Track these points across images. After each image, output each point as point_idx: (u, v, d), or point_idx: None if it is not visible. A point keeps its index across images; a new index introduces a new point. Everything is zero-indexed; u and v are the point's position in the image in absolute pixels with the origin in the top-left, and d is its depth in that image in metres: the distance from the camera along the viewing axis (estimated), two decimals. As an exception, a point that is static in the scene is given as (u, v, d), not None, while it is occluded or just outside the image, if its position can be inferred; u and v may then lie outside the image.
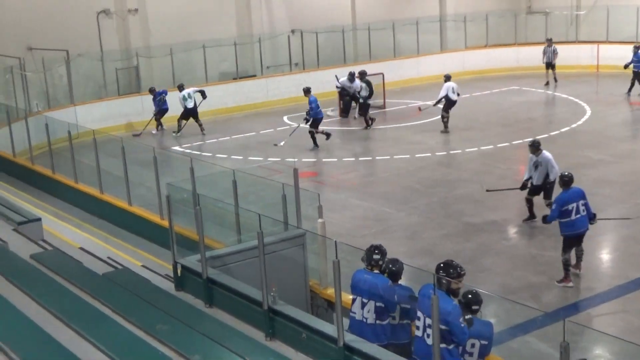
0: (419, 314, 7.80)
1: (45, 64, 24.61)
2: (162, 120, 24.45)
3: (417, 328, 7.81)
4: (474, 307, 7.58)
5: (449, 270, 7.70)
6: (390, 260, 8.47)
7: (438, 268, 7.79)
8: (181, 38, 27.37)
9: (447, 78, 22.45)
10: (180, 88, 24.07)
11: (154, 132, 24.46)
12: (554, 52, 28.99)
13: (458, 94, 22.40)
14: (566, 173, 11.98)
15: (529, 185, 14.30)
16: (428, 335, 7.57)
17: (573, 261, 11.85)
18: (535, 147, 14.03)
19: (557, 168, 13.86)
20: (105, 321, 8.55)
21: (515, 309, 10.05)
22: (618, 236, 13.98)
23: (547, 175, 13.96)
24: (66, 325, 8.40)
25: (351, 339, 7.61)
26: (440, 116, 22.44)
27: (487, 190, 15.26)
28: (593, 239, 13.54)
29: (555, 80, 28.97)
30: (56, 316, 8.66)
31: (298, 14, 31.21)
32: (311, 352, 7.87)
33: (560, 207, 11.62)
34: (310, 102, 21.40)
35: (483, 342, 7.50)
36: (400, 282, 8.36)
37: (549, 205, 13.39)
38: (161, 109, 24.24)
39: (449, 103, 22.18)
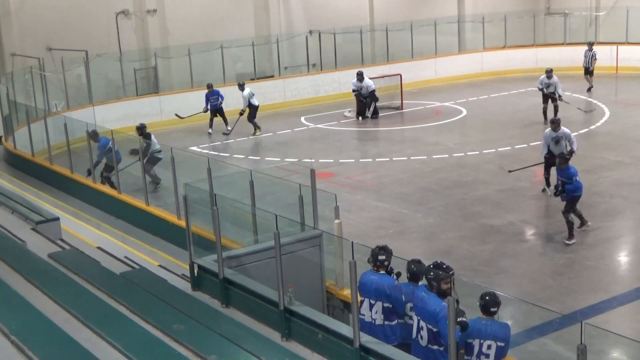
0: (414, 316, 7.87)
1: (64, 65, 24.78)
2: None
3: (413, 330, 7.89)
4: (492, 309, 7.55)
5: (438, 272, 7.76)
6: (412, 261, 8.47)
7: (427, 270, 7.87)
8: (199, 39, 27.48)
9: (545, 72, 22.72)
10: (242, 86, 23.85)
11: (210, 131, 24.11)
12: (593, 57, 27.85)
13: (547, 87, 22.52)
14: (566, 152, 14.47)
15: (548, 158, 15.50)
16: (422, 337, 7.69)
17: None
18: (557, 123, 15.69)
19: (576, 140, 15.76)
20: (122, 321, 8.58)
21: (532, 311, 10.01)
22: (636, 238, 13.89)
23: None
24: (83, 324, 8.44)
25: (367, 339, 7.60)
26: None
27: (510, 171, 15.45)
28: (612, 241, 13.50)
29: (589, 90, 27.81)
30: (74, 315, 8.70)
31: (316, 14, 31.24)
32: (327, 353, 7.87)
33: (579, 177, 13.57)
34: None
35: (500, 344, 7.47)
36: (421, 283, 8.35)
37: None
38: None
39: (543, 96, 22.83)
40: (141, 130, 17.68)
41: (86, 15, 25.99)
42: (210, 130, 24.06)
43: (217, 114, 23.99)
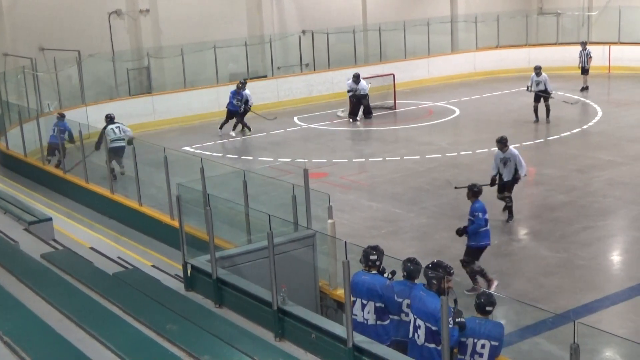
0: (410, 315, 7.84)
1: (56, 65, 24.70)
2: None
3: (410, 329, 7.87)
4: (488, 309, 7.57)
5: (439, 270, 7.74)
6: (408, 260, 8.46)
7: (427, 268, 7.84)
8: (192, 39, 27.44)
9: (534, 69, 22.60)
10: (244, 84, 23.95)
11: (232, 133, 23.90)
12: (588, 56, 27.84)
13: (536, 84, 22.41)
14: (477, 184, 11.84)
15: (497, 181, 14.47)
16: (418, 336, 7.68)
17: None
18: (503, 143, 14.36)
19: (525, 164, 14.37)
20: (115, 321, 8.57)
21: (525, 311, 10.03)
22: (629, 238, 13.92)
23: (515, 171, 14.34)
24: (76, 324, 8.43)
25: (361, 339, 7.61)
26: None
27: (456, 188, 15.21)
28: (604, 241, 13.53)
29: (583, 89, 27.66)
30: (66, 316, 8.69)
31: (309, 14, 31.22)
32: (320, 353, 7.87)
33: (484, 216, 11.45)
34: None
35: (494, 343, 7.48)
36: (417, 282, 8.35)
37: (503, 198, 14.36)
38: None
39: (534, 95, 22.54)
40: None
41: (79, 15, 25.92)
42: (233, 133, 23.86)
43: (233, 116, 23.67)
